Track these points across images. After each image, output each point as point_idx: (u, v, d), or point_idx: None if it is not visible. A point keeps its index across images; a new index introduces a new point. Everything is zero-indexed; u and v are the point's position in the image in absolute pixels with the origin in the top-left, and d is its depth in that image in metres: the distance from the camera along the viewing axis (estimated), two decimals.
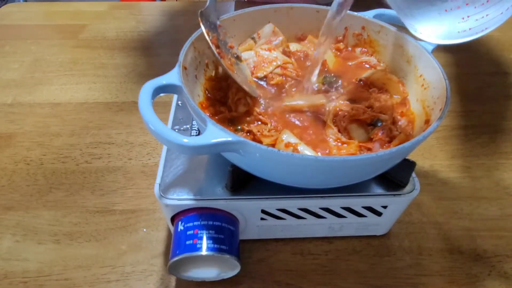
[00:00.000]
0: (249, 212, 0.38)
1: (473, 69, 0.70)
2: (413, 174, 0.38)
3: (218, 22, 0.40)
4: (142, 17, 0.86)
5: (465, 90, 0.65)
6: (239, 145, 0.29)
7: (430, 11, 0.29)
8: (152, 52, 0.74)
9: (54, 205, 0.46)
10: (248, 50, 0.44)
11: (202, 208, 0.36)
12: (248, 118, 0.37)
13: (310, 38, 0.47)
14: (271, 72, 0.42)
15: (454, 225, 0.45)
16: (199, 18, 0.36)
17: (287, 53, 0.44)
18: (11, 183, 0.49)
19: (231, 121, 0.37)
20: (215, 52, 0.36)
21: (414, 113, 0.39)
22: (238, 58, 0.42)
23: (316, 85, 0.41)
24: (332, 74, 0.43)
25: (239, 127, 0.36)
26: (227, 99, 0.39)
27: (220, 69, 0.42)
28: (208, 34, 0.36)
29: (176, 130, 0.42)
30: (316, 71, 0.40)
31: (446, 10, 0.28)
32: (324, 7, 0.45)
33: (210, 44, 0.36)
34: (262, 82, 0.42)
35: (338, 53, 0.47)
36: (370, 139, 0.36)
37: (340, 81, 0.42)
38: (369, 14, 0.45)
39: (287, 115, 0.38)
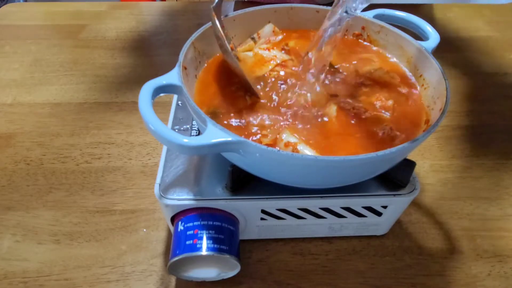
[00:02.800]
0: (249, 212, 0.38)
1: (473, 69, 0.70)
2: (413, 174, 0.38)
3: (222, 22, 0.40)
4: (142, 17, 0.86)
5: (465, 90, 0.65)
6: (239, 145, 0.29)
7: None
8: (152, 52, 0.74)
9: (54, 205, 0.46)
10: (248, 51, 0.44)
11: (202, 208, 0.36)
12: (246, 116, 0.37)
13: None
14: (271, 71, 0.42)
15: (454, 225, 0.45)
16: (213, 13, 0.36)
17: (286, 51, 0.44)
18: (11, 183, 0.49)
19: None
20: (228, 46, 0.35)
21: (415, 112, 0.39)
22: (238, 59, 0.42)
23: (318, 80, 0.41)
24: (335, 70, 0.43)
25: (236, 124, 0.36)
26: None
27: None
28: (221, 29, 0.36)
29: (176, 130, 0.42)
30: (319, 74, 0.40)
31: None
32: (324, 7, 0.45)
33: (224, 38, 0.35)
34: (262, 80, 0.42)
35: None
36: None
37: (341, 77, 0.42)
38: (369, 14, 0.45)
39: (287, 112, 0.38)
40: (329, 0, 0.75)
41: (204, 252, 0.34)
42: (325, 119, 0.37)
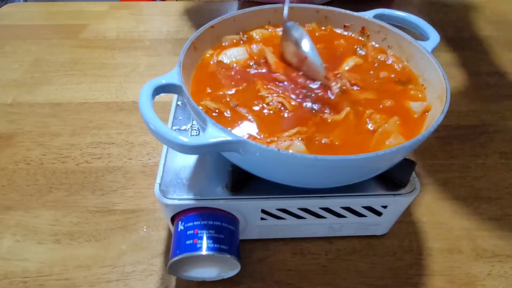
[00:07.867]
0: (249, 212, 0.38)
1: (473, 69, 0.70)
2: (413, 174, 0.38)
3: None
4: (142, 17, 0.86)
5: (465, 90, 0.65)
6: (239, 145, 0.29)
7: None
8: (152, 52, 0.74)
9: (54, 205, 0.46)
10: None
11: (202, 208, 0.36)
12: None
13: None
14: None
15: (454, 225, 0.45)
16: None
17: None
18: (11, 183, 0.49)
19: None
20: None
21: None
22: None
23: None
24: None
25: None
26: None
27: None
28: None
29: (176, 130, 0.42)
30: None
31: None
32: (324, 7, 0.45)
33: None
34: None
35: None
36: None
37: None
38: (369, 14, 0.45)
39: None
40: (326, 0, 0.76)
41: (204, 251, 0.34)
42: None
